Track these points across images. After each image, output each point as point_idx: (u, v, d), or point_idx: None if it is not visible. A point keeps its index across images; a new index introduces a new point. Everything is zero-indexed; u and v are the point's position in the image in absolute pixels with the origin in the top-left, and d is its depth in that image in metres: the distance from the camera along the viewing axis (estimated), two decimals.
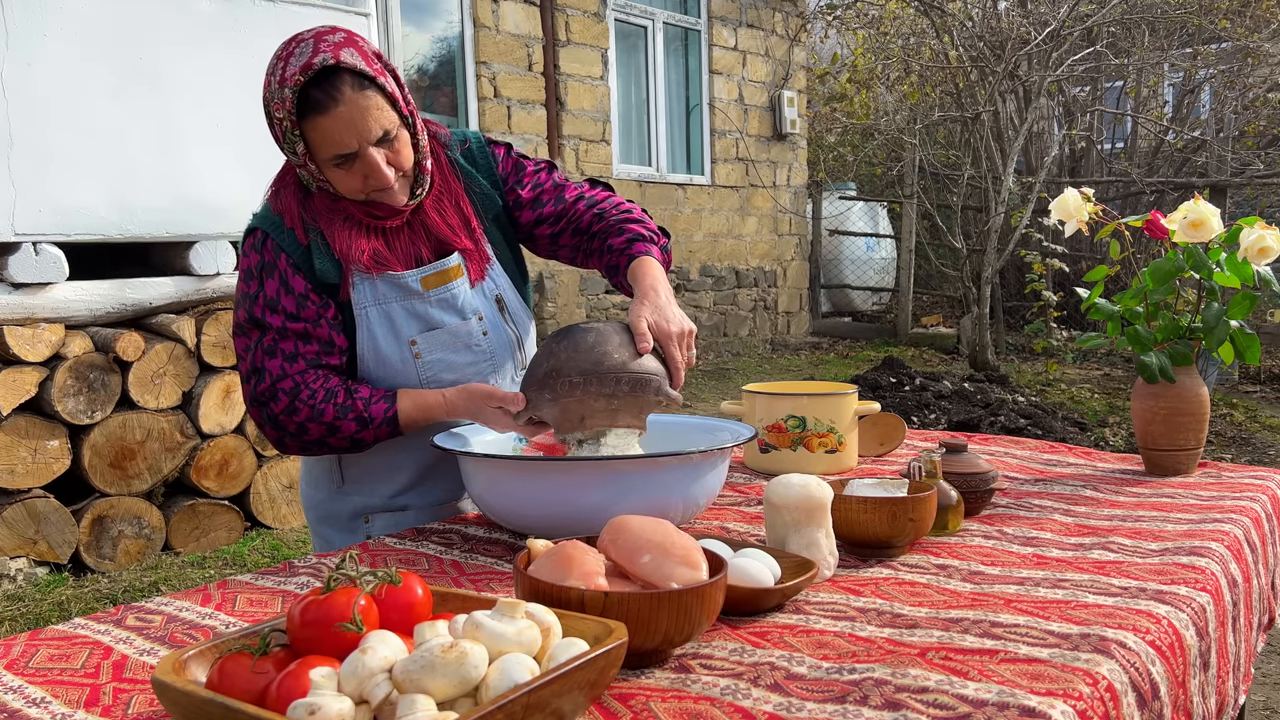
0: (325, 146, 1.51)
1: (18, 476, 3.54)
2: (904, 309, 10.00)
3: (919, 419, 5.64)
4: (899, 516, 1.37)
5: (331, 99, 1.48)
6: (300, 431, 1.58)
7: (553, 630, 0.88)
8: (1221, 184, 8.38)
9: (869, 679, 0.99)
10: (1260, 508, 1.67)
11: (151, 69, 3.89)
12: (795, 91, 9.88)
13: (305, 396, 1.57)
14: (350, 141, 1.50)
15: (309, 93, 1.47)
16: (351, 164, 1.53)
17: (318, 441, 1.60)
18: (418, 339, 1.66)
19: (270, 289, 1.59)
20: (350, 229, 1.60)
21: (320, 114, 1.48)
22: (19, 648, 1.13)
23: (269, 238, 1.61)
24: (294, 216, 1.61)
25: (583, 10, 7.80)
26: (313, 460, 1.81)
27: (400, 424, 1.60)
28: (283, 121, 1.51)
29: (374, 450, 1.69)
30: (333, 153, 1.51)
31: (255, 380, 1.59)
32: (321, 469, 1.78)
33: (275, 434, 1.61)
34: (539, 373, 1.52)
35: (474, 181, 1.73)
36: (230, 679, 0.84)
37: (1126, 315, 1.90)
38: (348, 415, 1.58)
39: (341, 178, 1.55)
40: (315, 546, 1.88)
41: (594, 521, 1.29)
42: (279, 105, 1.50)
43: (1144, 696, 1.03)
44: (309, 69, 1.46)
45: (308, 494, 1.85)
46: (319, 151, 1.52)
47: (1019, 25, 9.07)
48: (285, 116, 1.50)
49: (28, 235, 3.58)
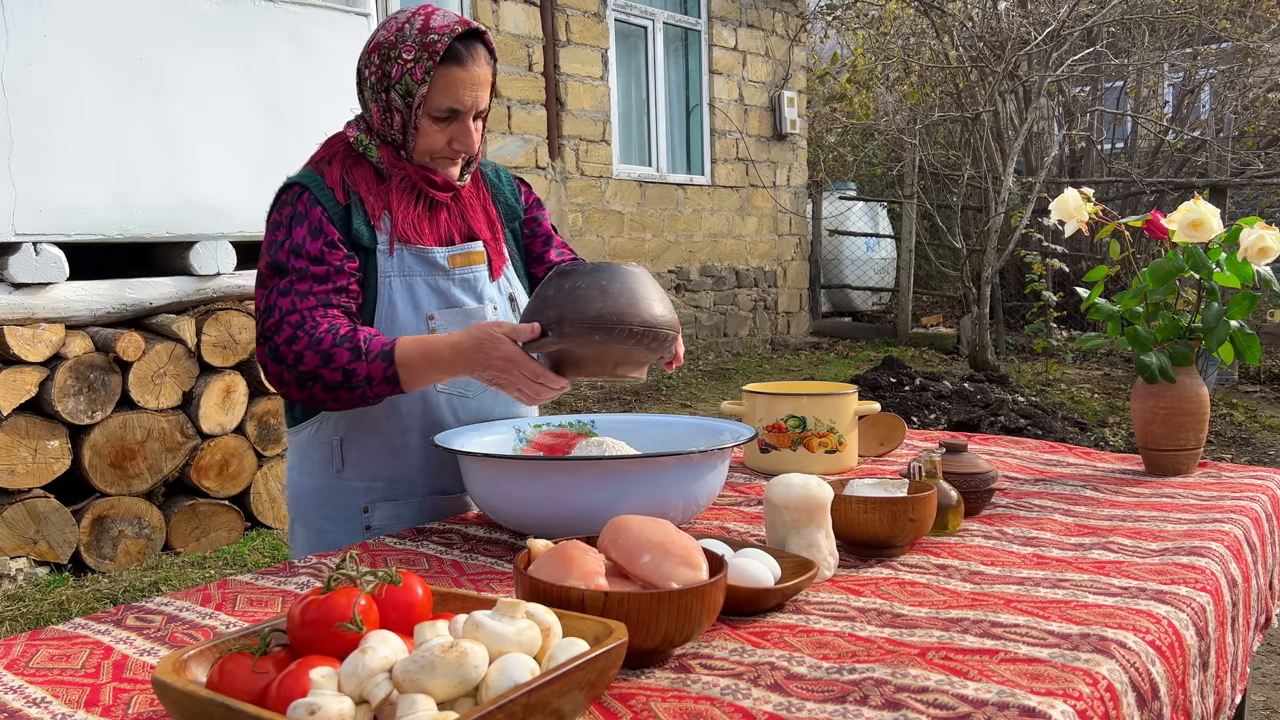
0: (444, 96, 1.61)
1: (18, 476, 3.54)
2: (904, 309, 10.00)
3: (919, 419, 5.64)
4: (899, 516, 1.37)
5: (471, 58, 1.61)
6: (296, 361, 1.55)
7: (553, 630, 0.88)
8: (1221, 184, 8.38)
9: (869, 679, 0.99)
10: (1260, 508, 1.67)
11: (152, 69, 3.89)
12: (795, 91, 9.88)
13: (308, 327, 1.56)
14: (466, 100, 1.62)
15: (454, 45, 1.59)
16: (450, 123, 1.64)
17: (312, 374, 1.54)
18: (436, 314, 1.70)
19: (298, 235, 1.62)
20: (401, 196, 1.68)
21: (458, 65, 1.60)
22: (19, 648, 1.13)
23: (307, 191, 1.66)
24: (335, 180, 1.67)
25: (583, 10, 7.80)
26: (311, 445, 1.75)
27: (397, 358, 1.54)
28: (410, 63, 1.59)
29: (378, 432, 1.69)
30: (446, 104, 1.61)
31: (265, 317, 1.60)
32: (322, 454, 1.73)
33: (276, 368, 1.58)
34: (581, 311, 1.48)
35: (499, 193, 1.85)
36: (230, 679, 0.84)
37: (1126, 315, 1.90)
38: (344, 344, 1.54)
39: (432, 131, 1.64)
40: (300, 542, 1.79)
41: (594, 521, 1.29)
42: (412, 48, 1.59)
43: (1144, 696, 1.04)
44: (465, 24, 1.60)
45: (300, 483, 1.78)
46: (435, 99, 1.61)
47: (1019, 25, 9.07)
48: (422, 58, 1.58)
49: (28, 235, 3.58)
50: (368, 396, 1.57)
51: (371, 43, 1.65)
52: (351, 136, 1.71)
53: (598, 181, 7.96)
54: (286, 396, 1.63)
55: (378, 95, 1.64)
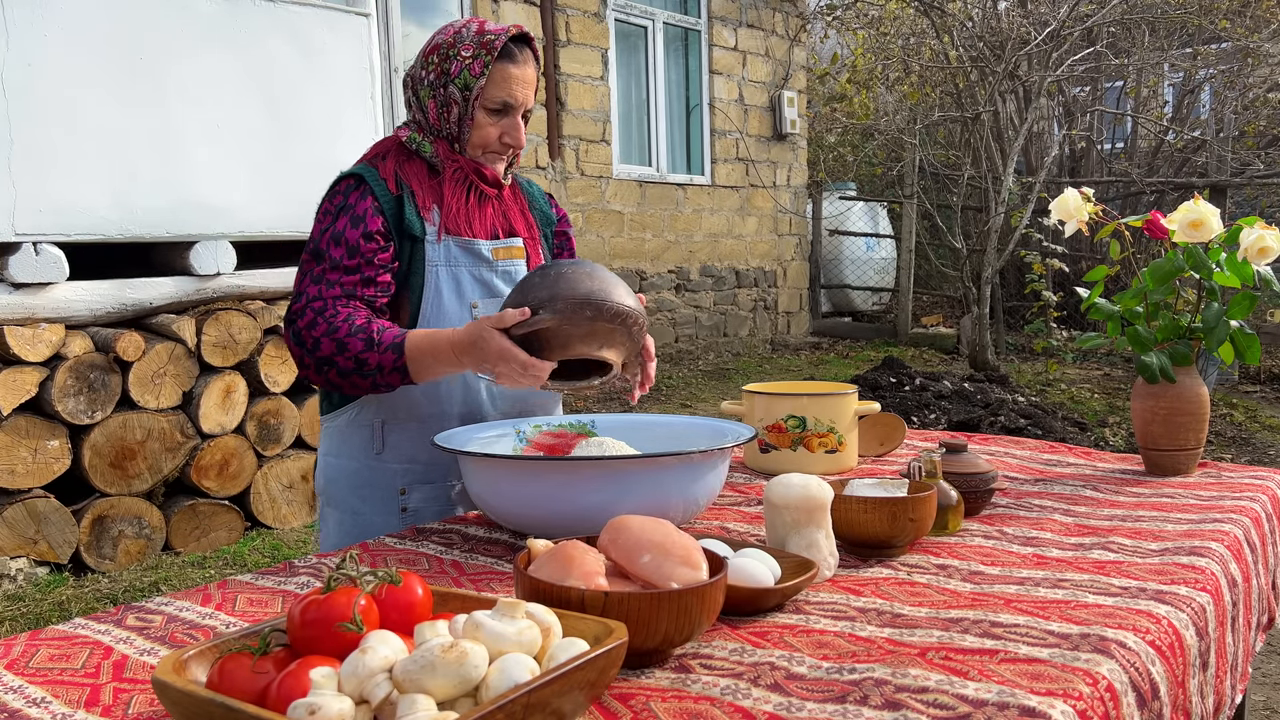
0: (498, 90, 1.74)
1: (18, 476, 3.54)
2: (904, 309, 10.00)
3: (919, 419, 5.64)
4: (899, 516, 1.37)
5: (524, 58, 1.77)
6: (315, 346, 1.64)
7: (553, 630, 0.88)
8: (1221, 184, 8.38)
9: (869, 679, 0.99)
10: (1260, 508, 1.67)
11: (152, 69, 3.89)
12: (795, 92, 9.88)
13: (329, 315, 1.65)
14: (517, 96, 1.76)
15: (508, 44, 1.75)
16: (501, 117, 1.77)
17: (328, 360, 1.63)
18: (479, 303, 1.80)
19: (340, 224, 1.71)
20: (454, 188, 1.79)
21: (512, 63, 1.75)
22: (19, 648, 1.13)
23: (363, 183, 1.75)
24: (389, 172, 1.78)
25: (583, 10, 7.80)
26: (350, 429, 1.81)
27: (406, 350, 1.61)
28: (469, 59, 1.73)
29: (418, 417, 1.77)
30: (500, 99, 1.75)
31: (294, 301, 1.70)
32: (361, 437, 1.80)
33: (297, 351, 1.67)
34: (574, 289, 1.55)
35: (533, 201, 1.98)
36: (230, 679, 0.84)
37: (1126, 315, 1.90)
38: (358, 335, 1.62)
39: (485, 124, 1.77)
40: (332, 526, 1.84)
41: (594, 521, 1.29)
42: (470, 46, 1.73)
43: (1144, 696, 1.04)
44: (517, 29, 1.76)
45: (337, 465, 1.83)
46: (490, 91, 1.74)
47: (1019, 25, 9.07)
48: (480, 55, 1.73)
49: (28, 235, 3.58)
50: (379, 384, 1.64)
51: (428, 47, 1.78)
52: (404, 136, 1.82)
53: (598, 181, 7.96)
54: (307, 379, 1.70)
55: (435, 91, 1.76)
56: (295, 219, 4.33)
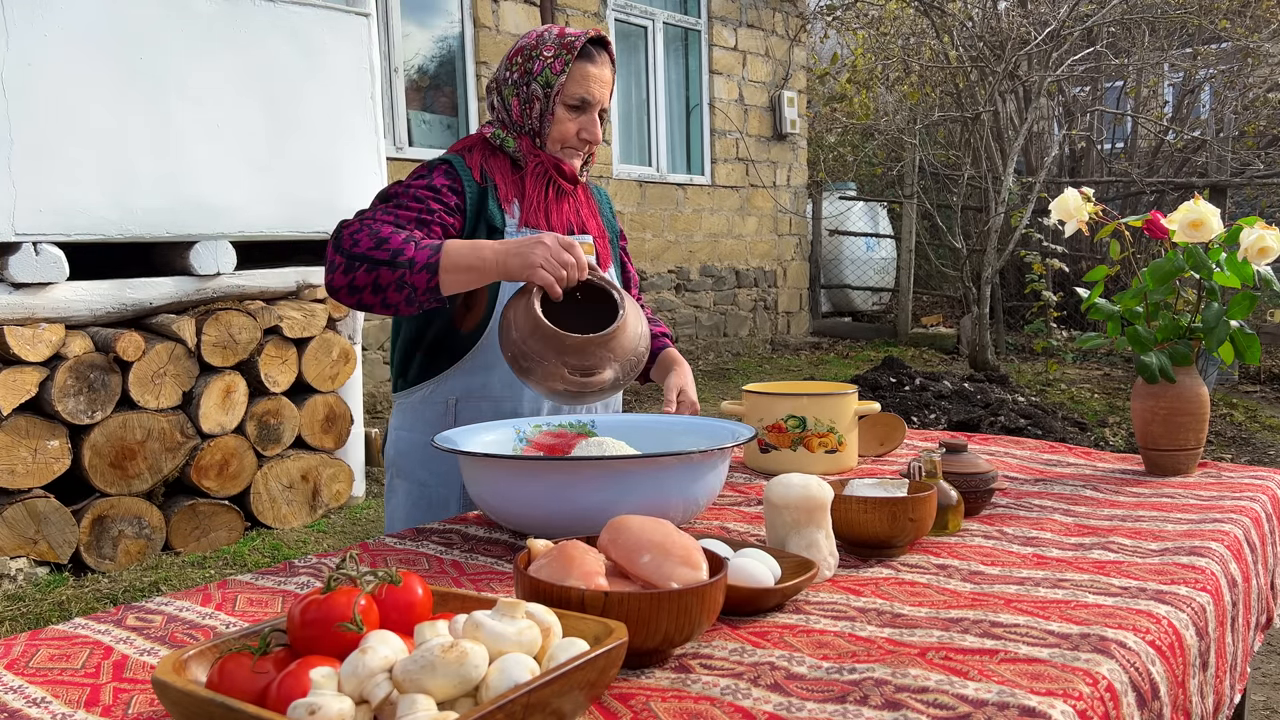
0: (578, 86, 1.85)
1: (18, 476, 3.54)
2: (904, 309, 10.00)
3: (919, 419, 5.64)
4: (899, 516, 1.37)
5: (601, 59, 1.89)
6: (352, 245, 1.65)
7: (553, 630, 0.88)
8: (1221, 184, 8.38)
9: (869, 679, 0.99)
10: (1260, 508, 1.67)
11: (151, 69, 3.89)
12: (795, 91, 9.88)
13: (376, 226, 1.69)
14: (594, 93, 1.87)
15: (587, 45, 1.86)
16: (579, 113, 1.87)
17: (362, 255, 1.63)
18: None
19: (415, 181, 1.80)
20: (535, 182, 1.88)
21: (590, 63, 1.86)
22: (19, 648, 1.13)
23: (450, 167, 1.84)
24: (475, 163, 1.87)
25: (583, 10, 7.80)
26: (424, 405, 1.89)
27: (444, 247, 1.64)
28: (551, 59, 1.84)
29: (491, 398, 1.85)
30: (579, 95, 1.85)
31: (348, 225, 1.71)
32: (434, 412, 1.88)
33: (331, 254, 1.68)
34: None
35: (602, 207, 2.08)
36: (230, 679, 0.84)
37: (1126, 315, 1.90)
38: (399, 234, 1.66)
39: (566, 119, 1.87)
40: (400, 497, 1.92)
41: (594, 521, 1.29)
42: (552, 47, 1.85)
43: (1144, 696, 1.04)
44: (595, 33, 1.88)
45: (409, 439, 1.90)
46: (570, 88, 1.84)
47: (1019, 25, 9.07)
48: (561, 54, 1.84)
49: (28, 235, 3.58)
50: (404, 282, 1.63)
51: (511, 51, 1.90)
52: (489, 133, 1.91)
53: (598, 181, 7.96)
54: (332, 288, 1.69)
55: (519, 89, 1.87)
56: (295, 219, 4.33)
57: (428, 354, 1.89)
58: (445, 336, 1.86)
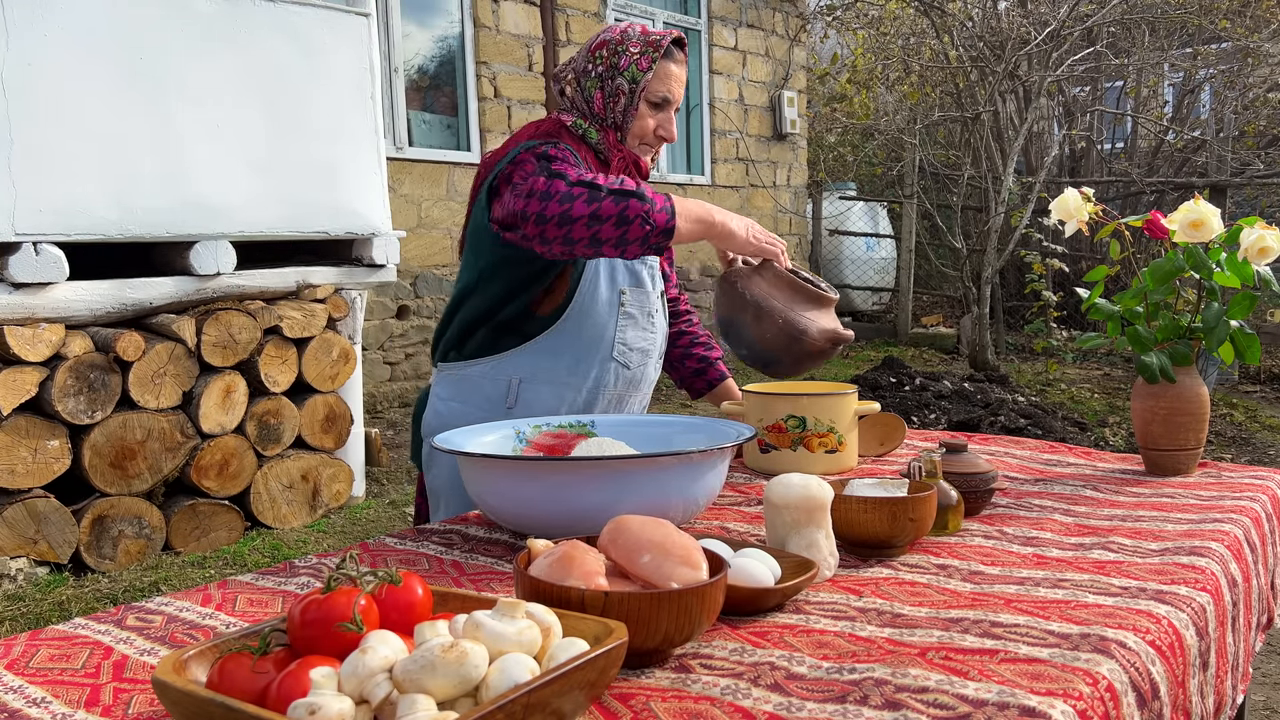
0: (661, 85, 1.90)
1: (18, 476, 3.54)
2: (904, 309, 10.00)
3: (919, 419, 5.64)
4: (899, 516, 1.37)
5: (682, 58, 1.94)
6: (589, 181, 1.67)
7: (553, 630, 0.88)
8: (1221, 184, 8.38)
9: (869, 679, 0.99)
10: (1260, 508, 1.67)
11: (152, 69, 3.89)
12: (795, 91, 9.88)
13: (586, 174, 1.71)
14: (675, 91, 1.92)
15: (671, 46, 1.91)
16: (659, 111, 1.92)
17: (607, 187, 1.66)
18: (626, 290, 1.94)
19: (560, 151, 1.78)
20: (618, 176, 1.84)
21: (673, 62, 1.91)
22: (19, 648, 1.14)
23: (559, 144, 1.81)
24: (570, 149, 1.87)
25: (583, 10, 7.80)
26: (484, 380, 1.92)
27: (673, 197, 1.72)
28: (637, 55, 1.88)
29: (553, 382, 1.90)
30: (660, 94, 1.90)
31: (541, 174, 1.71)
32: (495, 389, 1.92)
33: (557, 185, 1.67)
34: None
35: None
36: (230, 679, 0.84)
37: (1127, 315, 1.90)
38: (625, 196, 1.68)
39: (646, 115, 1.91)
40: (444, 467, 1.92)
41: (594, 521, 1.29)
42: (638, 44, 1.89)
43: (1144, 696, 1.04)
44: (677, 34, 1.93)
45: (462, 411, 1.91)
46: (654, 86, 1.89)
47: (1019, 25, 9.07)
48: (647, 52, 1.88)
49: (28, 235, 3.58)
50: (649, 218, 1.66)
51: (594, 43, 1.93)
52: (569, 121, 1.93)
53: None
54: (564, 222, 1.66)
55: (603, 83, 1.90)
56: (295, 219, 4.33)
57: (495, 331, 1.91)
58: (518, 317, 1.89)
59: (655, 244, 1.69)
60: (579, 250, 1.69)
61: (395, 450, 5.60)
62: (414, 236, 6.66)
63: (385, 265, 4.68)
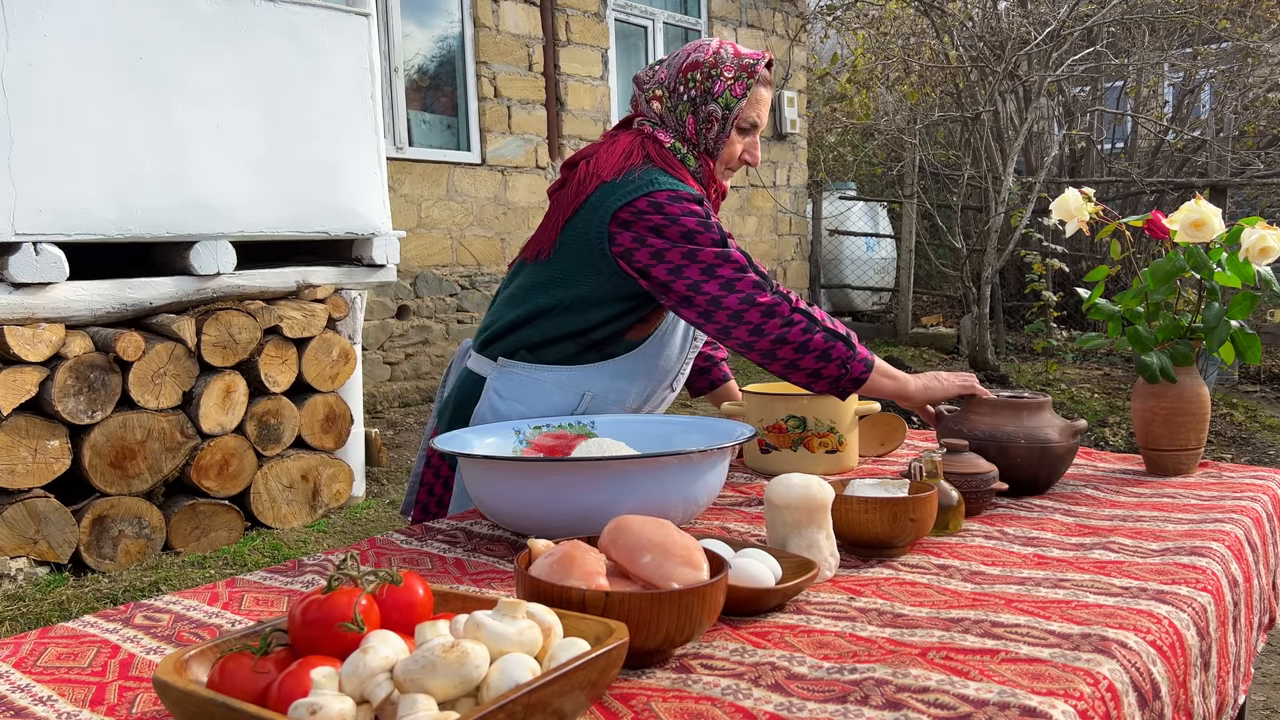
0: (753, 110, 1.86)
1: (18, 476, 3.54)
2: (904, 309, 9.99)
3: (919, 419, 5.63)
4: (900, 517, 1.37)
5: (771, 81, 1.90)
6: (803, 310, 1.72)
7: (554, 630, 0.88)
8: (1221, 184, 8.38)
9: (870, 679, 0.99)
10: (1261, 508, 1.67)
11: (152, 69, 3.89)
12: (795, 91, 9.88)
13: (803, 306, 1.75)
14: (763, 115, 1.88)
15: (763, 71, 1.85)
16: (747, 134, 1.88)
17: (823, 325, 1.72)
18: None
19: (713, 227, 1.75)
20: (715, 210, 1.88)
21: (765, 86, 1.87)
22: (28, 646, 1.14)
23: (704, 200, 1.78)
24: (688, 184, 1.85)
25: (583, 10, 7.80)
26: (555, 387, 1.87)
27: (874, 356, 1.77)
28: (731, 81, 1.82)
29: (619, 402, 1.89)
30: (750, 118, 1.86)
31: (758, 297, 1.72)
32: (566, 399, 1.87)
33: (781, 311, 1.71)
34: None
35: None
36: (231, 679, 0.84)
37: (1127, 315, 1.90)
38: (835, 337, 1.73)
39: (736, 141, 1.88)
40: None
41: (594, 521, 1.29)
42: (731, 68, 1.82)
43: (1145, 696, 1.04)
44: (768, 55, 1.87)
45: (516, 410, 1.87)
46: (746, 112, 1.85)
47: (1019, 25, 9.07)
48: (741, 77, 1.82)
49: (28, 235, 3.58)
50: (847, 364, 1.73)
51: (684, 64, 1.84)
52: (668, 142, 1.85)
53: None
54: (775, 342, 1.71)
55: (697, 108, 1.83)
56: (295, 219, 4.33)
57: (581, 346, 1.87)
58: (608, 338, 1.86)
59: (843, 389, 1.75)
60: (762, 360, 1.74)
61: (395, 450, 5.60)
62: (414, 236, 6.66)
63: (385, 265, 4.68)
